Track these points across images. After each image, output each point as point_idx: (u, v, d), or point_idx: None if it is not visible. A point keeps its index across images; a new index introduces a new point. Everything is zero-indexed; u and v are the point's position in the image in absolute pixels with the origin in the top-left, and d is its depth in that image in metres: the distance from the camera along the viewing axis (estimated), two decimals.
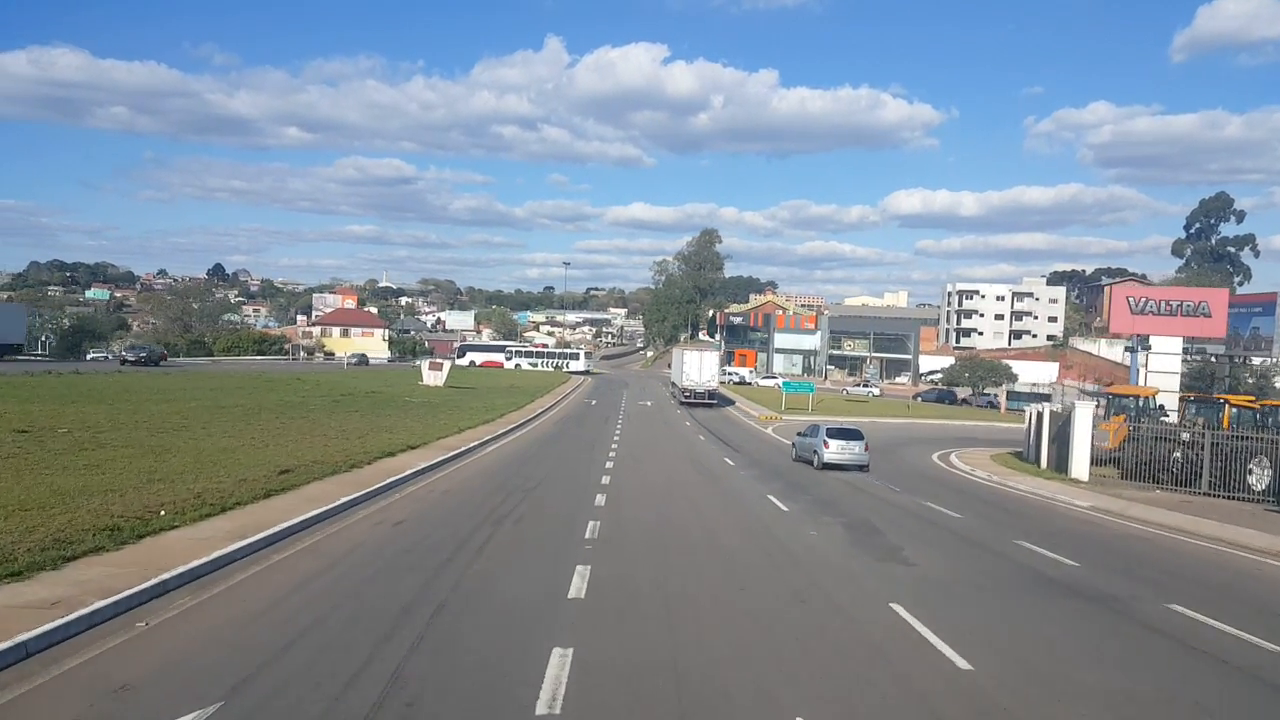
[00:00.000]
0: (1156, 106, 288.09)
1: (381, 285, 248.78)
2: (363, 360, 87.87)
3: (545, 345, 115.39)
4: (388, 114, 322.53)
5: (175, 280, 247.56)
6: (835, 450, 26.70)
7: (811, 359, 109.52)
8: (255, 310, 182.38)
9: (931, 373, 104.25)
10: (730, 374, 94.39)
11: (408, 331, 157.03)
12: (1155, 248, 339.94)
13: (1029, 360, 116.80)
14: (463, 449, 26.13)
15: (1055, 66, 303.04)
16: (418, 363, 59.07)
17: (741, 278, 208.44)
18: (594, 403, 58.04)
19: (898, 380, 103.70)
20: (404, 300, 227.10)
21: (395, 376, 66.43)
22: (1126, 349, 44.68)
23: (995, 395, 76.44)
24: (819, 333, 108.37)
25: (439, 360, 56.58)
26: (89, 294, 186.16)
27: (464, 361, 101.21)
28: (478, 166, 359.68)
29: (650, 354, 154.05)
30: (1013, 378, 72.74)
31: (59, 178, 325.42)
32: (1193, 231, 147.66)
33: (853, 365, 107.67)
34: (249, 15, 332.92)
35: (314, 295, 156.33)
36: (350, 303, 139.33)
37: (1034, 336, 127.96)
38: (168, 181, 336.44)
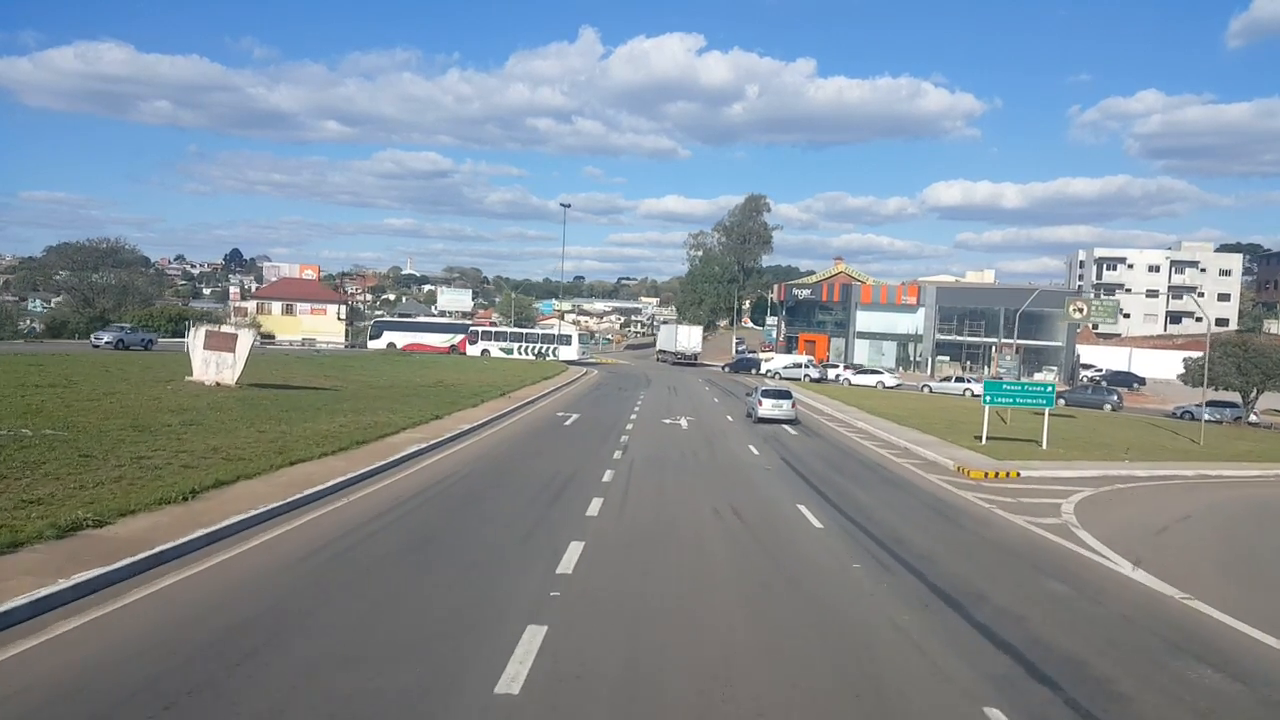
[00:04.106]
0: (1208, 95, 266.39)
1: (405, 273, 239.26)
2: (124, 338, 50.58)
3: (523, 328, 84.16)
4: (424, 107, 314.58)
5: (191, 265, 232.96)
6: (768, 408, 30.13)
7: (913, 346, 78.49)
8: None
9: (1087, 365, 73.01)
10: (801, 367, 64.03)
11: (406, 315, 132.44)
12: (1207, 240, 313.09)
13: (1203, 350, 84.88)
14: None
15: (1103, 54, 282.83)
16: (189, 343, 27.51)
17: (780, 267, 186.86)
18: (572, 420, 28.20)
19: (1038, 377, 72.51)
20: (426, 288, 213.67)
21: (160, 364, 35.33)
22: None
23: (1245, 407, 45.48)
24: (922, 309, 77.36)
25: (230, 334, 26.35)
26: (95, 278, 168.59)
27: (379, 344, 72.19)
28: (513, 159, 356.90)
29: None
30: None
31: (107, 171, 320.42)
32: None
33: (971, 354, 76.51)
34: (287, 8, 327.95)
35: (264, 265, 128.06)
36: (311, 274, 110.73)
37: (1198, 320, 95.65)
38: (210, 175, 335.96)
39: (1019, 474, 20.31)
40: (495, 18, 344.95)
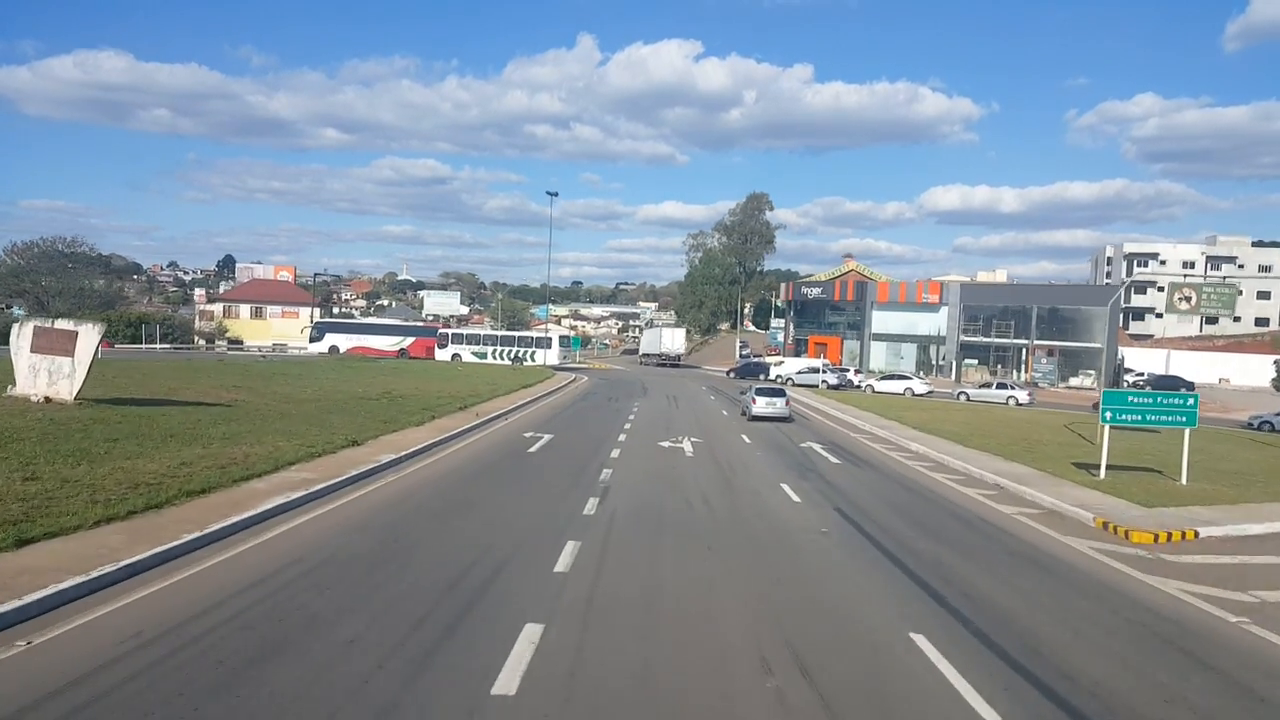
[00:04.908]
0: (1205, 98, 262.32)
1: (401, 278, 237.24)
2: None
3: (499, 331, 77.04)
4: (422, 114, 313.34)
5: (184, 271, 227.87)
6: (762, 405, 30.58)
7: (935, 349, 71.61)
8: None
9: (1128, 369, 66.27)
10: (817, 373, 57.29)
11: (389, 318, 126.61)
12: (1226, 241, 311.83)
13: (1249, 353, 78.35)
14: None
15: (1100, 58, 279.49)
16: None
17: (780, 270, 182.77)
18: (541, 444, 21.36)
19: (1074, 383, 65.80)
20: (422, 293, 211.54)
21: None
22: None
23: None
24: (944, 309, 70.54)
25: (66, 331, 19.27)
26: (46, 281, 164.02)
27: (320, 347, 65.81)
28: (511, 166, 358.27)
29: None
30: None
31: (106, 180, 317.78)
32: None
33: (1000, 356, 69.63)
34: (286, 15, 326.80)
35: (239, 267, 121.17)
36: (286, 275, 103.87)
37: (1237, 320, 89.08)
38: (209, 183, 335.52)
39: (1196, 534, 13.51)
40: (493, 25, 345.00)
